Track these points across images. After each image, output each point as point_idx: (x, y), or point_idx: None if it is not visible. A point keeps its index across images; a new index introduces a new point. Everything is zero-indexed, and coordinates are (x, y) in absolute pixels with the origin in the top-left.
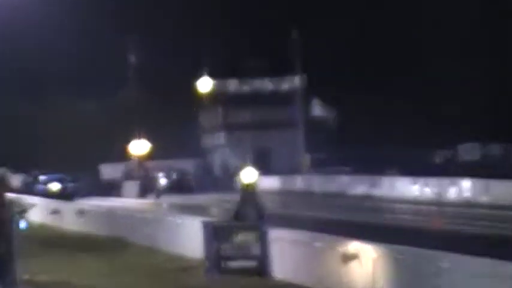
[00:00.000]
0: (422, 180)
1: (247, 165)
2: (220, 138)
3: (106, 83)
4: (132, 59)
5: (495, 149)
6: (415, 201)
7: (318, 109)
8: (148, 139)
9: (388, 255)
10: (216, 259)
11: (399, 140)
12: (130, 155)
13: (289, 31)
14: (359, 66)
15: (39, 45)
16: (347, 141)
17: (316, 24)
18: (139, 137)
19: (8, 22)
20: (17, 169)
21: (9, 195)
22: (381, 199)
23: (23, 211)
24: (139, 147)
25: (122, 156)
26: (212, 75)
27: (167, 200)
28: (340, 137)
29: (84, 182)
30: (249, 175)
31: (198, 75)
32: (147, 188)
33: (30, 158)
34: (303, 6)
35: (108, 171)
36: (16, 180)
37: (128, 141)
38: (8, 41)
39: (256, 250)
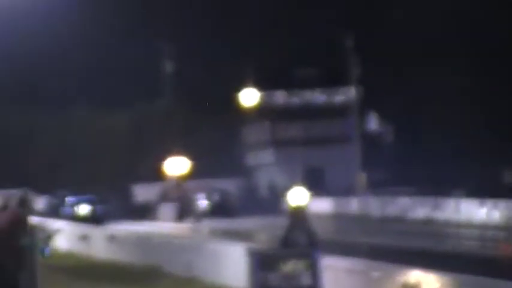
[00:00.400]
0: (490, 202)
1: (298, 186)
2: (267, 155)
3: (138, 94)
4: (168, 67)
5: None
6: (483, 226)
7: (374, 123)
8: (186, 156)
9: (453, 285)
10: None
11: (465, 158)
12: (166, 174)
13: (343, 38)
14: (420, 77)
15: (65, 53)
16: (407, 159)
17: (373, 31)
18: (177, 154)
19: (37, 31)
20: (39, 189)
21: (32, 219)
22: (444, 223)
23: (47, 237)
24: (176, 165)
25: (155, 175)
26: (258, 86)
27: (208, 224)
28: (399, 154)
29: (114, 204)
30: (299, 197)
31: (241, 86)
32: (185, 211)
33: (53, 177)
34: (358, 11)
35: (142, 192)
36: (40, 202)
37: (162, 159)
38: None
39: (306, 280)
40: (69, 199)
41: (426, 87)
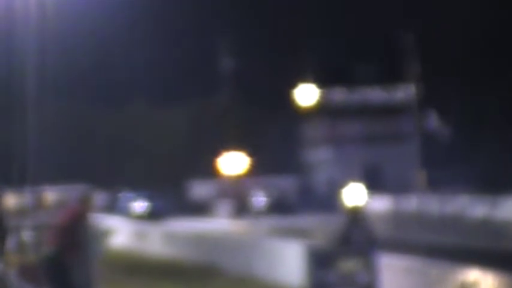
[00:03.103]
0: None
1: (356, 183)
2: (326, 152)
3: (194, 89)
4: (226, 62)
5: None
6: None
7: (433, 122)
8: (244, 153)
9: (511, 285)
10: None
11: None
12: (223, 171)
13: (403, 35)
14: (483, 74)
15: (118, 45)
16: (466, 158)
17: (434, 27)
18: (234, 150)
19: (97, 27)
20: (97, 185)
21: (92, 216)
22: (503, 222)
23: (104, 234)
24: (233, 161)
25: (212, 172)
26: (316, 82)
27: (265, 221)
28: (458, 152)
29: (171, 200)
30: (357, 194)
31: (299, 82)
32: (242, 208)
33: (111, 172)
34: (418, 6)
35: (199, 188)
36: (99, 198)
37: (220, 155)
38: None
39: (364, 278)
40: (126, 195)
41: (486, 86)
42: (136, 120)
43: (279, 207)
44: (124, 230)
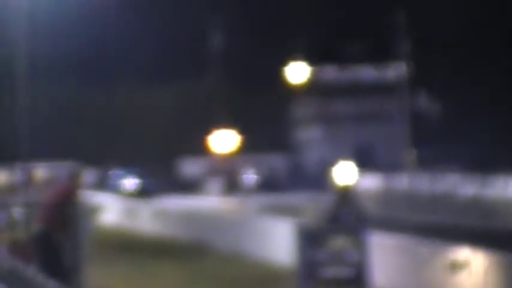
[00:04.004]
0: None
1: (346, 162)
2: (316, 131)
3: (185, 68)
4: (216, 41)
5: None
6: None
7: (423, 101)
8: (234, 131)
9: (502, 263)
10: (308, 266)
11: None
12: (213, 149)
13: (393, 11)
14: (472, 53)
15: (108, 23)
16: (456, 137)
17: (425, 4)
18: (225, 129)
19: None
20: (87, 163)
21: (81, 193)
22: (493, 201)
23: (94, 211)
24: (224, 139)
25: (202, 149)
26: (307, 60)
27: (255, 199)
28: (448, 132)
29: (161, 178)
30: (347, 173)
31: (290, 61)
32: (232, 186)
33: (101, 150)
34: None
35: (189, 166)
36: (88, 175)
37: (209, 134)
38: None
39: (354, 257)
40: (116, 172)
41: (476, 65)
42: (127, 99)
43: (269, 185)
44: (114, 207)
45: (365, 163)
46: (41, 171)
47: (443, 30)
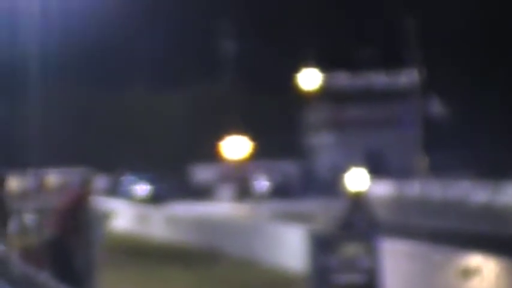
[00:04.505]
0: None
1: (358, 168)
2: (328, 137)
3: (196, 72)
4: (228, 46)
5: None
6: None
7: (436, 107)
8: (246, 137)
9: None
10: (320, 273)
11: None
12: (225, 155)
13: (405, 17)
14: (483, 59)
15: (118, 29)
16: (468, 143)
17: (437, 11)
18: (236, 134)
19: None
20: (99, 168)
21: (93, 199)
22: (505, 207)
23: (106, 217)
24: (235, 145)
25: (214, 156)
26: (319, 66)
27: (267, 205)
28: (460, 138)
29: (173, 184)
30: (359, 179)
31: (303, 66)
32: (244, 192)
33: (113, 156)
34: None
35: (201, 172)
36: (100, 181)
37: (222, 140)
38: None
39: (366, 263)
40: (128, 178)
41: (487, 71)
42: (138, 105)
43: (281, 191)
44: (126, 213)
45: (377, 169)
46: (52, 178)
47: (454, 36)
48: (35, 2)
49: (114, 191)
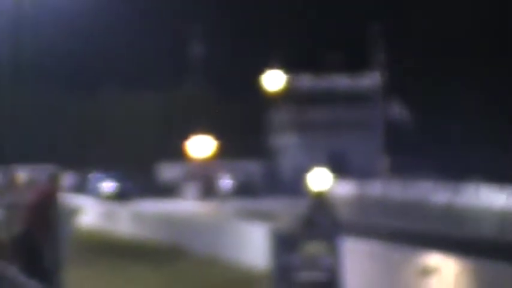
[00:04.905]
0: (510, 188)
1: (321, 169)
2: (292, 138)
3: (165, 75)
4: (195, 49)
5: None
6: (502, 212)
7: (397, 109)
8: (212, 137)
9: (472, 270)
10: (283, 271)
11: (485, 145)
12: (191, 154)
13: (369, 22)
14: (444, 63)
15: (90, 30)
16: (428, 145)
17: (400, 16)
18: (202, 134)
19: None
20: (67, 166)
21: (60, 194)
22: (464, 208)
23: (73, 213)
24: (201, 144)
25: (180, 155)
26: (283, 68)
27: (231, 204)
28: (421, 140)
29: (139, 182)
30: (322, 179)
31: (267, 69)
32: (209, 191)
33: (81, 154)
34: None
35: (167, 170)
36: (68, 178)
37: (188, 139)
38: (59, 26)
39: (327, 262)
40: (95, 175)
41: (448, 76)
42: (108, 105)
43: (245, 190)
44: (93, 209)
45: (339, 170)
46: (22, 174)
47: (416, 41)
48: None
49: (82, 188)
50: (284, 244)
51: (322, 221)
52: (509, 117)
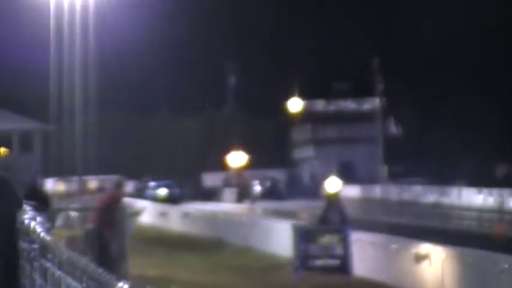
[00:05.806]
0: (486, 190)
1: (332, 176)
2: (309, 151)
3: (207, 101)
4: (231, 80)
5: None
6: (480, 209)
7: (393, 127)
8: (245, 151)
9: (456, 256)
10: (303, 258)
11: (466, 155)
12: (229, 165)
13: (370, 57)
14: (431, 91)
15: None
16: (419, 156)
17: (395, 51)
18: (237, 149)
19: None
20: (129, 176)
21: (124, 199)
22: (449, 207)
23: (135, 214)
24: (236, 158)
25: (220, 166)
26: (302, 96)
27: (261, 205)
28: (413, 151)
29: (187, 188)
30: (334, 184)
31: (289, 96)
32: (243, 195)
33: (140, 167)
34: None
35: (209, 179)
36: (129, 186)
37: (226, 153)
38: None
39: (339, 250)
40: (151, 184)
41: (433, 101)
42: (161, 126)
43: (271, 194)
44: (150, 211)
45: (348, 177)
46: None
47: (409, 72)
48: (77, 44)
49: (141, 193)
50: (304, 236)
51: (334, 218)
52: (486, 132)
